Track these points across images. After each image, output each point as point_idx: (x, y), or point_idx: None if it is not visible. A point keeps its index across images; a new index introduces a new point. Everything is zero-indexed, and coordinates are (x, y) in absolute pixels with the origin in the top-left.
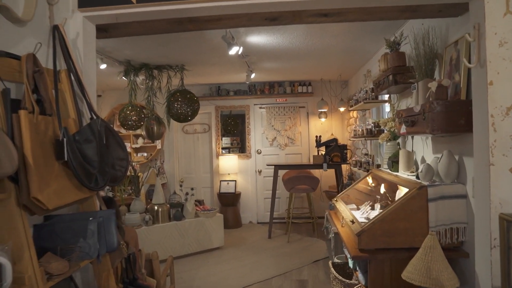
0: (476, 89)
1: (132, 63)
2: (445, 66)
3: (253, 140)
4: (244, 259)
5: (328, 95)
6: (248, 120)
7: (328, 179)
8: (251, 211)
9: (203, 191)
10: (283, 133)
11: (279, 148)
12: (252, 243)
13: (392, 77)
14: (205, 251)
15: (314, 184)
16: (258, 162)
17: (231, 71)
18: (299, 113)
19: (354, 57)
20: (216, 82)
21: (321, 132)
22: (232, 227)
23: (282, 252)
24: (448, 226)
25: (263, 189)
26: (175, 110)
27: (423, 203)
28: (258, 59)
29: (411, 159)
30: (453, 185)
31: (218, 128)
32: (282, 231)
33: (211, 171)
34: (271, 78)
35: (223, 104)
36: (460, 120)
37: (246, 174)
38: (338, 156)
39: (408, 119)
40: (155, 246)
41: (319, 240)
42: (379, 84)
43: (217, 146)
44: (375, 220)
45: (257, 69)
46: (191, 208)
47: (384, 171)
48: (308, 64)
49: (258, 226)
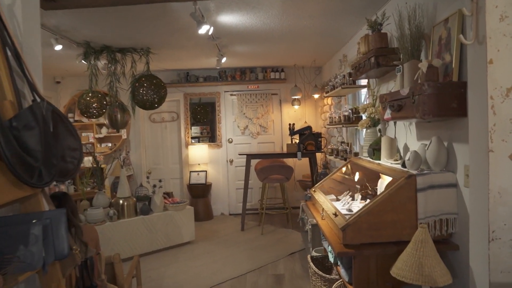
0: (473, 69)
1: (92, 45)
2: (433, 47)
3: (224, 129)
4: (217, 253)
5: (302, 82)
6: (219, 108)
7: (301, 168)
8: (222, 202)
9: (172, 182)
10: (255, 121)
11: (251, 137)
12: (225, 236)
13: (374, 59)
14: (175, 247)
15: (288, 174)
16: (229, 151)
17: (201, 55)
18: (271, 100)
19: (330, 41)
20: (185, 67)
21: (294, 120)
22: (203, 219)
23: (256, 245)
24: (437, 218)
25: (235, 179)
26: (140, 96)
27: (412, 194)
28: (230, 41)
29: (394, 146)
30: (443, 174)
31: (187, 117)
32: (255, 222)
33: (180, 162)
34: (242, 64)
35: (192, 91)
36: (452, 104)
37: (217, 164)
38: (312, 144)
39: (394, 103)
40: (121, 243)
41: (293, 231)
42: (359, 67)
43: (186, 135)
44: (360, 213)
45: (228, 53)
46: (159, 201)
47: (364, 160)
48: (282, 49)
49: (230, 218)
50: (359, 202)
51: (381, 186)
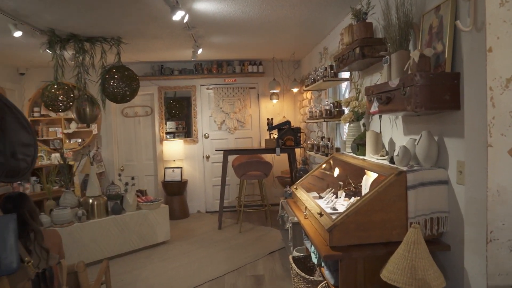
0: (471, 58)
1: (58, 33)
2: (422, 36)
3: (200, 124)
4: (193, 254)
5: (280, 76)
6: (195, 102)
7: (280, 164)
8: (199, 199)
9: (146, 179)
10: (232, 116)
11: (228, 132)
12: (201, 235)
13: (359, 50)
14: (149, 247)
15: (266, 170)
16: (205, 147)
17: (176, 46)
18: (249, 94)
19: (310, 33)
20: (159, 60)
21: (272, 114)
22: (179, 217)
23: (234, 244)
24: (428, 216)
25: (211, 176)
26: (111, 89)
27: (402, 191)
28: (206, 32)
29: (379, 141)
30: (433, 170)
31: (161, 111)
32: (233, 220)
33: (154, 158)
34: (219, 56)
35: (166, 84)
36: (445, 96)
37: (193, 160)
38: (291, 139)
39: (382, 95)
40: (91, 245)
41: (272, 229)
42: (342, 59)
43: (161, 131)
44: (348, 213)
45: (204, 44)
46: (131, 199)
47: (348, 155)
48: (261, 41)
49: (207, 216)
50: (343, 200)
51: (366, 183)
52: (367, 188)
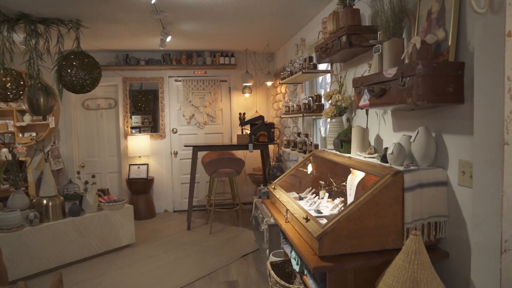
0: (484, 44)
1: (4, 11)
2: (419, 23)
3: (167, 118)
4: (160, 258)
5: (253, 68)
6: (162, 94)
7: (252, 160)
8: (166, 198)
9: (109, 177)
10: (202, 110)
11: (198, 127)
12: (169, 236)
13: (346, 38)
14: (112, 251)
15: (238, 167)
16: (173, 142)
17: (142, 33)
18: (220, 87)
19: (287, 23)
20: (124, 48)
21: (244, 109)
22: (144, 217)
23: (205, 247)
24: (425, 221)
25: (179, 173)
26: (69, 77)
27: (398, 194)
28: (176, 17)
29: (366, 138)
30: (432, 170)
31: (126, 104)
32: (202, 220)
33: (118, 154)
34: (189, 47)
35: (132, 75)
36: (448, 88)
37: (160, 156)
38: (264, 135)
39: (375, 87)
40: (44, 252)
41: (245, 230)
42: (326, 48)
43: (126, 125)
44: (339, 218)
45: (174, 32)
46: (92, 199)
47: (330, 153)
48: (234, 30)
49: (174, 215)
50: (326, 201)
51: (351, 183)
52: (353, 188)
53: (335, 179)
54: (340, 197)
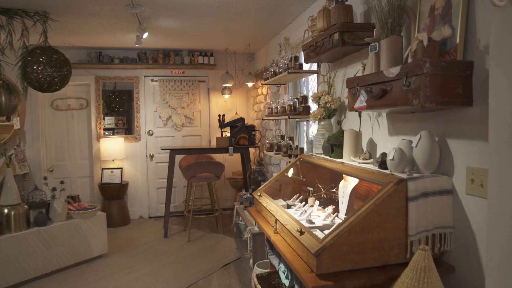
0: (503, 40)
1: None
2: (420, 20)
3: (143, 120)
4: (135, 270)
5: (233, 69)
6: (137, 95)
7: (231, 164)
8: (141, 204)
9: (80, 182)
10: (179, 111)
11: (175, 129)
12: (145, 245)
13: (339, 35)
14: (83, 263)
15: (218, 172)
16: (149, 145)
17: (117, 28)
18: (198, 88)
19: (270, 21)
20: (97, 45)
21: (224, 110)
22: (118, 225)
23: (183, 256)
24: (430, 233)
25: (155, 177)
26: (35, 74)
27: (402, 204)
28: (154, 12)
29: (359, 142)
30: (436, 178)
31: (99, 104)
32: (180, 227)
33: (90, 157)
34: (166, 45)
35: (105, 74)
36: (457, 89)
37: (134, 160)
38: (245, 138)
39: (374, 88)
40: (5, 266)
41: (225, 237)
42: (315, 47)
43: (98, 126)
44: (339, 232)
45: (151, 28)
46: (60, 207)
47: (320, 157)
48: (214, 28)
49: (150, 222)
50: (316, 209)
51: (344, 190)
52: (346, 195)
53: (323, 185)
54: (331, 205)
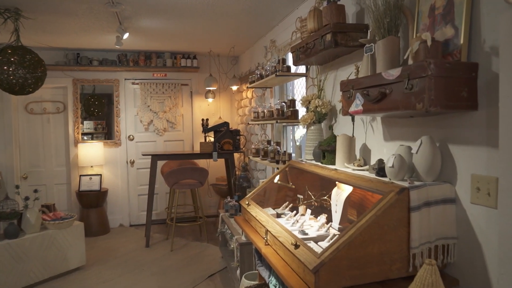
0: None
1: None
2: (419, 20)
3: (123, 124)
4: (115, 283)
5: (217, 72)
6: (117, 98)
7: (214, 170)
8: (121, 211)
9: (56, 189)
10: (161, 115)
11: (157, 134)
12: (125, 255)
13: (331, 36)
14: (58, 277)
15: (202, 178)
16: (130, 151)
17: (95, 28)
18: (181, 91)
19: (256, 23)
20: (75, 46)
21: (207, 115)
22: (97, 234)
23: (167, 267)
24: (433, 244)
25: (136, 184)
26: (5, 75)
27: (404, 214)
28: (135, 12)
29: (353, 148)
30: (438, 186)
31: (77, 108)
32: (162, 235)
33: (67, 164)
34: (148, 46)
35: (83, 76)
36: (462, 92)
37: (114, 166)
38: (229, 143)
39: (371, 91)
40: None
41: (209, 246)
42: (306, 48)
43: (76, 131)
44: (339, 246)
45: (131, 29)
46: (34, 218)
47: (311, 164)
48: (198, 30)
49: (131, 230)
50: (309, 219)
51: (338, 198)
52: (340, 204)
53: (314, 192)
54: (324, 214)
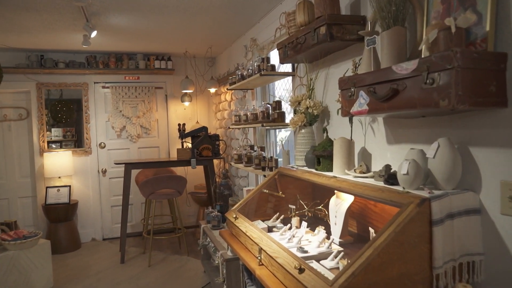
0: None
1: None
2: (429, 7)
3: (93, 131)
4: None
5: (194, 74)
6: (87, 103)
7: (193, 177)
8: (93, 224)
9: (20, 203)
10: (134, 121)
11: (130, 141)
12: (99, 274)
13: (327, 29)
14: None
15: (180, 187)
16: (101, 159)
17: (60, 26)
18: (155, 95)
19: (235, 20)
20: (37, 47)
21: (184, 119)
22: (67, 250)
23: (144, 285)
24: (457, 262)
25: (109, 194)
26: None
27: (425, 229)
28: (103, 7)
29: (352, 152)
30: (461, 195)
31: (42, 114)
32: (138, 249)
33: (32, 175)
34: (119, 47)
35: (49, 80)
36: (490, 86)
37: (85, 176)
38: (208, 149)
39: (379, 87)
40: None
41: (190, 259)
42: (296, 44)
43: (41, 139)
44: (354, 270)
45: (100, 27)
46: None
47: (304, 171)
48: (172, 28)
49: (105, 245)
50: (305, 233)
51: (338, 208)
52: (341, 215)
53: (305, 201)
54: (320, 226)
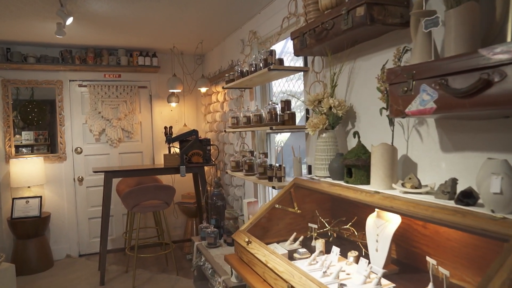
0: None
1: None
2: None
3: (68, 134)
4: None
5: (181, 72)
6: (61, 103)
7: (180, 185)
8: (68, 239)
9: None
10: (115, 123)
11: (110, 145)
12: None
13: (366, 10)
14: None
15: (168, 198)
16: (78, 166)
17: (29, 13)
18: (138, 95)
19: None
20: (3, 38)
21: (170, 122)
22: (37, 270)
23: None
24: None
25: (86, 205)
26: None
27: None
28: None
29: (395, 162)
30: None
31: (8, 116)
32: (120, 267)
33: None
34: (98, 41)
35: (16, 76)
36: None
37: (59, 185)
38: (199, 154)
39: (454, 80)
40: None
41: (180, 278)
42: (322, 30)
43: (7, 144)
44: None
45: (77, 14)
46: None
47: (330, 184)
48: (159, 18)
49: (81, 262)
50: (337, 260)
51: (381, 232)
52: (386, 240)
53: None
54: (353, 251)
